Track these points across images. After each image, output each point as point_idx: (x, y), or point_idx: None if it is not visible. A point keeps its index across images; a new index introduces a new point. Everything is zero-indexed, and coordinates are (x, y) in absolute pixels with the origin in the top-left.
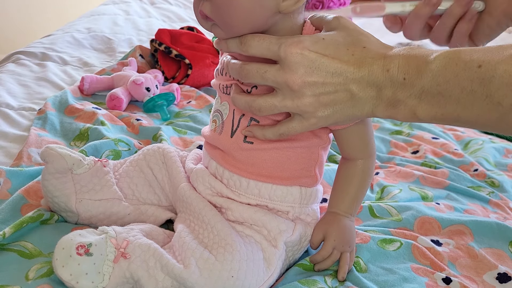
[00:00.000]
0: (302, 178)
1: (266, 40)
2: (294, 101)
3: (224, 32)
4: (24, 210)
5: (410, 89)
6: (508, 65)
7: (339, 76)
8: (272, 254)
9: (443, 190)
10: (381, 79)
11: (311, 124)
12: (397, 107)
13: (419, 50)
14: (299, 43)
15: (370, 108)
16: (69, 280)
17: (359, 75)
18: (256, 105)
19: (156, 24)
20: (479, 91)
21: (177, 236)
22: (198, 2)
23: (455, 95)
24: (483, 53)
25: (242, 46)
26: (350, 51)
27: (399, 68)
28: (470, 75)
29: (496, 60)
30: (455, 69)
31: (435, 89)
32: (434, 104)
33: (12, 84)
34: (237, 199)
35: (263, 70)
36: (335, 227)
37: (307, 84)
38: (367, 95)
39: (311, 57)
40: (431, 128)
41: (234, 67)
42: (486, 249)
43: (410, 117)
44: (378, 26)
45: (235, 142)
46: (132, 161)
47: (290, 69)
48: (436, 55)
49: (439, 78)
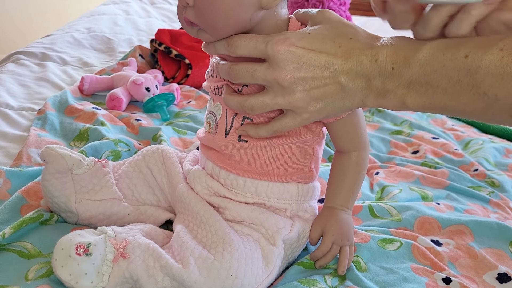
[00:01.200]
0: (298, 174)
1: (252, 40)
2: (285, 98)
3: (210, 36)
4: (23, 211)
5: (399, 79)
6: (494, 56)
7: (327, 70)
8: (270, 252)
9: (443, 190)
10: (369, 69)
11: (304, 119)
12: (386, 96)
13: (407, 40)
14: (286, 40)
15: (360, 98)
16: (68, 280)
17: (348, 67)
18: (248, 105)
19: (156, 24)
20: (465, 81)
21: (175, 236)
22: (181, 10)
23: (442, 84)
24: (470, 44)
25: (229, 48)
26: (337, 44)
27: (387, 58)
28: (457, 65)
29: (482, 51)
30: (442, 59)
31: (423, 79)
32: (422, 93)
33: (12, 84)
34: (234, 198)
35: (252, 70)
36: (332, 222)
37: (296, 79)
38: (357, 86)
39: (299, 53)
40: (431, 128)
41: (224, 69)
42: (486, 249)
43: (399, 106)
44: (378, 26)
45: (229, 142)
46: (131, 162)
47: (279, 66)
48: (423, 45)
49: (426, 68)
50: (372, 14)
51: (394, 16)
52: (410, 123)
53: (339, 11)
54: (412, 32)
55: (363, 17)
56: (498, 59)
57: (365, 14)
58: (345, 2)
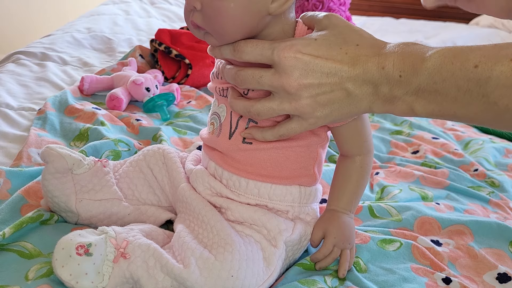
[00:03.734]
0: (301, 177)
1: (259, 46)
2: (292, 104)
3: (217, 40)
4: (23, 211)
5: (407, 87)
6: (504, 66)
7: (334, 76)
8: (271, 254)
9: (443, 190)
10: (376, 76)
11: (310, 124)
12: (394, 103)
13: (414, 47)
14: (292, 46)
15: (367, 104)
16: (68, 280)
17: (354, 73)
18: (254, 110)
19: (156, 24)
20: (475, 90)
21: (176, 236)
22: (189, 13)
23: (451, 93)
24: (479, 53)
25: (235, 53)
26: (343, 50)
27: (394, 66)
28: (467, 75)
29: (492, 61)
30: (451, 68)
31: (432, 87)
32: (431, 101)
33: (12, 84)
34: (236, 199)
35: (258, 76)
36: (334, 225)
37: (303, 86)
38: (364, 92)
39: (305, 59)
40: (431, 128)
41: (230, 73)
42: (486, 249)
43: (407, 113)
44: (378, 26)
45: (233, 144)
46: (132, 162)
47: (285, 73)
48: (431, 53)
49: (435, 77)
50: (372, 14)
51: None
52: (410, 123)
53: (339, 11)
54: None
55: (363, 17)
56: (509, 70)
57: (365, 14)
58: (345, 2)
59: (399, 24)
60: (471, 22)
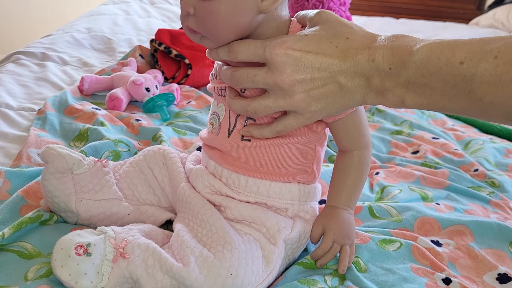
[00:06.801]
0: (300, 175)
1: (252, 45)
2: (287, 100)
3: (212, 43)
4: (23, 211)
5: (396, 79)
6: (489, 64)
7: (325, 70)
8: (271, 252)
9: (443, 190)
10: (367, 68)
11: (306, 118)
12: (385, 95)
13: (404, 39)
14: (283, 43)
15: (360, 96)
16: (68, 280)
17: (345, 66)
18: (251, 109)
19: (156, 24)
20: (461, 86)
21: (175, 235)
22: (184, 19)
23: (439, 87)
24: (465, 48)
25: (230, 54)
26: (334, 44)
27: (384, 58)
28: (452, 71)
29: (477, 58)
30: (437, 62)
31: (421, 80)
32: (420, 94)
33: (12, 84)
34: (236, 197)
35: (252, 74)
36: (334, 221)
37: (296, 82)
38: (356, 85)
39: (296, 55)
40: (431, 128)
41: (226, 74)
42: (486, 250)
43: (399, 105)
44: (378, 26)
45: (232, 141)
46: (132, 162)
47: (278, 70)
48: (419, 47)
49: (423, 70)
50: (372, 14)
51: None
52: (410, 123)
53: (339, 11)
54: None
55: (363, 17)
56: (493, 67)
57: (365, 14)
58: (345, 2)
59: (399, 24)
60: (471, 22)
